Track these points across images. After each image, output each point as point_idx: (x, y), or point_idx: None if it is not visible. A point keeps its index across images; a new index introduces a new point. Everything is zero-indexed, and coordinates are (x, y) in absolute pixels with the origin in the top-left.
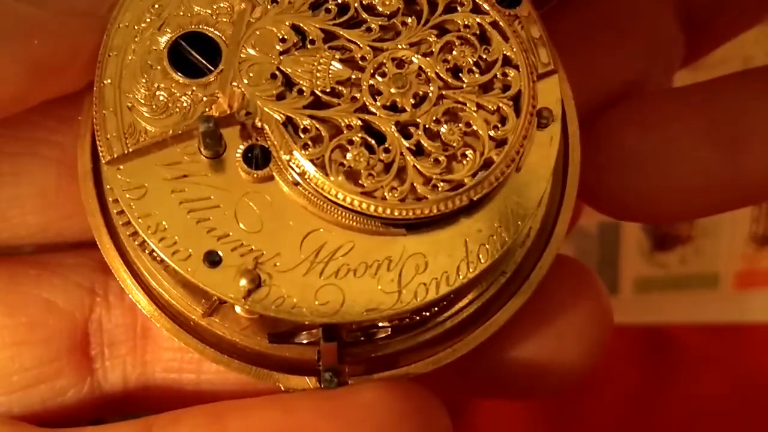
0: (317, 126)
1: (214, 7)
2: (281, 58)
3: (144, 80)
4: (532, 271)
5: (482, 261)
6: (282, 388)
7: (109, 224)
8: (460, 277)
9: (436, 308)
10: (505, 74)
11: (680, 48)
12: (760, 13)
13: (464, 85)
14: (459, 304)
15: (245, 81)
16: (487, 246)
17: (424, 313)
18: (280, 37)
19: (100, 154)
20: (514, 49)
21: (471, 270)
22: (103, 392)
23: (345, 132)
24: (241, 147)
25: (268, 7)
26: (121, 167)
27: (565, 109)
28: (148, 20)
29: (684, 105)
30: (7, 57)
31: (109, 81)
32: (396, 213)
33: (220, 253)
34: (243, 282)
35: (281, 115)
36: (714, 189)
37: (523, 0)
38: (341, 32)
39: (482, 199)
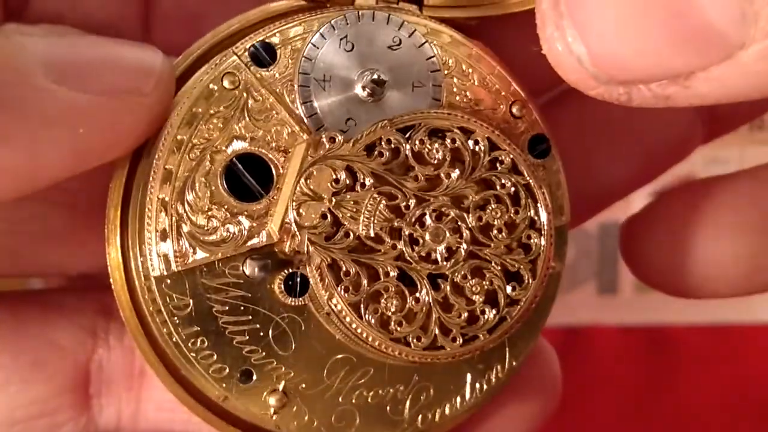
0: (358, 271)
1: (272, 131)
2: (333, 199)
3: (198, 199)
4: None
5: (478, 393)
6: None
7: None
8: (458, 407)
9: None
10: (529, 236)
11: (696, 130)
12: None
13: (492, 244)
14: None
15: (297, 219)
16: (484, 381)
17: None
18: (335, 177)
19: (150, 267)
20: (541, 212)
21: (470, 400)
22: (96, 426)
23: (382, 279)
24: (284, 273)
25: (327, 145)
26: (168, 281)
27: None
28: (206, 135)
29: (736, 194)
30: (52, 146)
31: (163, 196)
32: (417, 358)
33: (253, 372)
34: (272, 400)
35: (327, 257)
36: (762, 272)
37: (550, 154)
38: (391, 178)
39: None
